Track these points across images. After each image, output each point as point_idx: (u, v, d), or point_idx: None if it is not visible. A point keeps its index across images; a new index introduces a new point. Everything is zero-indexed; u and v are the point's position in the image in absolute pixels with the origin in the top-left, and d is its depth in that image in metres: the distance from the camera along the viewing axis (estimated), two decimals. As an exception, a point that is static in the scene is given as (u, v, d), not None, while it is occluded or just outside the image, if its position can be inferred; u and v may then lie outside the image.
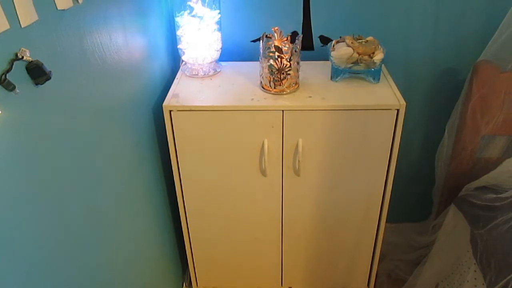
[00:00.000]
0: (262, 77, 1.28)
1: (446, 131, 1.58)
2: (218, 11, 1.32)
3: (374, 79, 1.31)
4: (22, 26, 0.61)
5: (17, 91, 0.59)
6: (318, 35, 1.43)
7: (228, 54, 1.48)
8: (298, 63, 1.25)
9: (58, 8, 0.71)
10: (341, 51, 1.28)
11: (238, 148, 1.28)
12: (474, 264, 1.30)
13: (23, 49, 0.61)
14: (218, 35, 1.36)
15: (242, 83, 1.33)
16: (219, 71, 1.41)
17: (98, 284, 0.92)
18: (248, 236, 1.49)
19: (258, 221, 1.45)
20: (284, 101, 1.22)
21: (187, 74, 1.39)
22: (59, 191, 0.74)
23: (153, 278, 1.33)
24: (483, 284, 1.24)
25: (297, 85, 1.29)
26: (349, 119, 1.23)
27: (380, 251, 1.53)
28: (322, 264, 1.58)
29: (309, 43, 1.47)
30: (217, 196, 1.39)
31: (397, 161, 1.29)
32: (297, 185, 1.35)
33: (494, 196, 1.35)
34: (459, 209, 1.48)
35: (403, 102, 1.20)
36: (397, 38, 1.49)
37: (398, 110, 1.20)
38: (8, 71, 0.58)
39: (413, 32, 1.48)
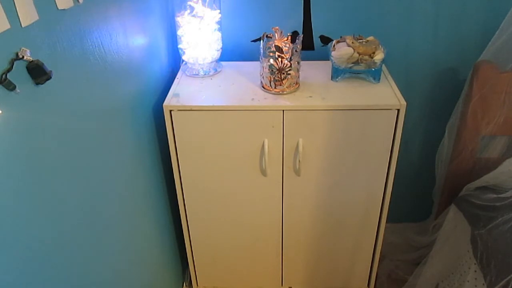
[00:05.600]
0: (263, 77, 1.27)
1: (446, 131, 1.58)
2: (218, 11, 1.32)
3: (374, 79, 1.31)
4: (23, 26, 0.61)
5: (18, 90, 0.59)
6: (319, 35, 1.43)
7: (229, 54, 1.48)
8: (298, 63, 1.25)
9: (59, 8, 0.71)
10: (341, 51, 1.28)
11: (238, 148, 1.28)
12: (475, 264, 1.30)
13: (24, 48, 0.60)
14: (218, 35, 1.36)
15: (242, 83, 1.33)
16: (220, 71, 1.41)
17: (98, 284, 0.92)
18: (248, 236, 1.49)
19: (258, 220, 1.45)
20: (284, 101, 1.22)
21: (188, 74, 1.39)
22: (59, 191, 0.74)
23: (153, 278, 1.33)
24: (483, 284, 1.24)
25: (297, 85, 1.29)
26: (350, 119, 1.23)
27: (380, 251, 1.53)
28: (322, 264, 1.58)
29: (309, 43, 1.47)
30: (217, 196, 1.39)
31: (397, 161, 1.29)
32: (298, 185, 1.35)
33: (495, 196, 1.35)
34: (460, 209, 1.48)
35: (403, 102, 1.20)
36: (398, 38, 1.49)
37: (398, 110, 1.20)
38: (8, 70, 0.58)
39: (414, 32, 1.48)
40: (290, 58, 1.22)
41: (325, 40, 1.41)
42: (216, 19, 1.32)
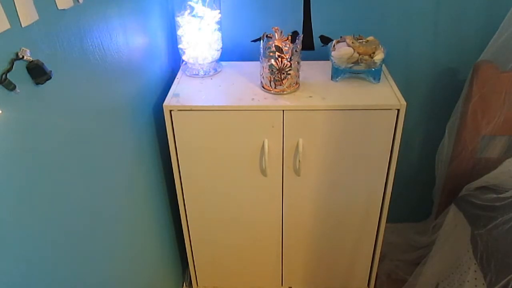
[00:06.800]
0: (263, 77, 1.28)
1: (446, 131, 1.58)
2: (218, 11, 1.32)
3: (374, 79, 1.31)
4: (23, 26, 0.61)
5: (18, 90, 0.59)
6: (319, 35, 1.43)
7: (229, 54, 1.48)
8: (298, 63, 1.25)
9: (59, 8, 0.71)
10: (341, 51, 1.28)
11: (238, 148, 1.28)
12: (475, 264, 1.30)
13: (24, 48, 0.60)
14: (218, 35, 1.36)
15: (242, 83, 1.33)
16: (220, 71, 1.41)
17: (98, 284, 0.92)
18: (248, 236, 1.49)
19: (258, 221, 1.45)
20: (284, 101, 1.22)
21: (188, 74, 1.39)
22: (59, 191, 0.74)
23: (153, 278, 1.33)
24: (483, 284, 1.24)
25: (297, 85, 1.29)
26: (350, 119, 1.23)
27: (380, 251, 1.53)
28: (322, 264, 1.58)
29: (309, 43, 1.47)
30: (217, 196, 1.39)
31: (397, 161, 1.29)
32: (297, 185, 1.35)
33: (495, 196, 1.35)
34: (460, 209, 1.47)
35: (403, 102, 1.20)
36: (398, 38, 1.49)
37: (398, 110, 1.20)
38: (8, 70, 0.58)
39: (414, 32, 1.48)
40: (290, 58, 1.22)
41: (325, 40, 1.41)
42: (216, 19, 1.32)
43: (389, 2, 1.43)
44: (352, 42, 1.27)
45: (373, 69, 1.30)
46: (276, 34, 1.21)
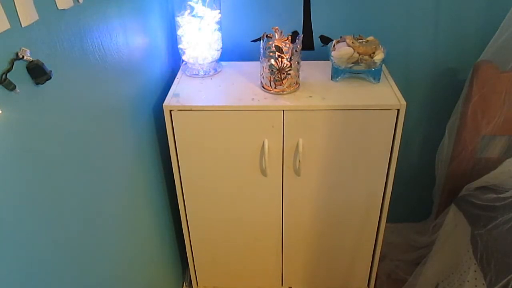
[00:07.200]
0: (263, 77, 1.28)
1: (446, 131, 1.58)
2: (218, 11, 1.32)
3: (374, 79, 1.31)
4: (23, 26, 0.61)
5: (18, 90, 0.59)
6: (319, 35, 1.43)
7: (229, 54, 1.48)
8: (298, 63, 1.25)
9: (59, 8, 0.71)
10: (341, 51, 1.28)
11: (238, 148, 1.28)
12: (474, 264, 1.30)
13: (24, 48, 0.60)
14: (218, 35, 1.36)
15: (242, 83, 1.33)
16: (220, 71, 1.41)
17: (98, 284, 0.92)
18: (248, 236, 1.49)
19: (259, 221, 1.45)
20: (284, 101, 1.22)
21: (188, 74, 1.39)
22: (59, 191, 0.74)
23: (153, 278, 1.33)
24: (483, 284, 1.24)
25: (297, 85, 1.29)
26: (350, 119, 1.23)
27: (380, 251, 1.53)
28: (322, 264, 1.58)
29: (309, 43, 1.47)
30: (217, 196, 1.39)
31: (397, 161, 1.29)
32: (298, 185, 1.35)
33: (495, 196, 1.35)
34: (460, 209, 1.48)
35: (403, 102, 1.20)
36: (398, 38, 1.49)
37: (398, 110, 1.20)
38: (8, 70, 0.58)
39: (414, 32, 1.48)
40: (290, 58, 1.22)
41: (325, 40, 1.41)
42: (216, 19, 1.32)
43: (389, 2, 1.43)
44: (352, 42, 1.27)
45: (373, 69, 1.30)
46: (276, 34, 1.21)
